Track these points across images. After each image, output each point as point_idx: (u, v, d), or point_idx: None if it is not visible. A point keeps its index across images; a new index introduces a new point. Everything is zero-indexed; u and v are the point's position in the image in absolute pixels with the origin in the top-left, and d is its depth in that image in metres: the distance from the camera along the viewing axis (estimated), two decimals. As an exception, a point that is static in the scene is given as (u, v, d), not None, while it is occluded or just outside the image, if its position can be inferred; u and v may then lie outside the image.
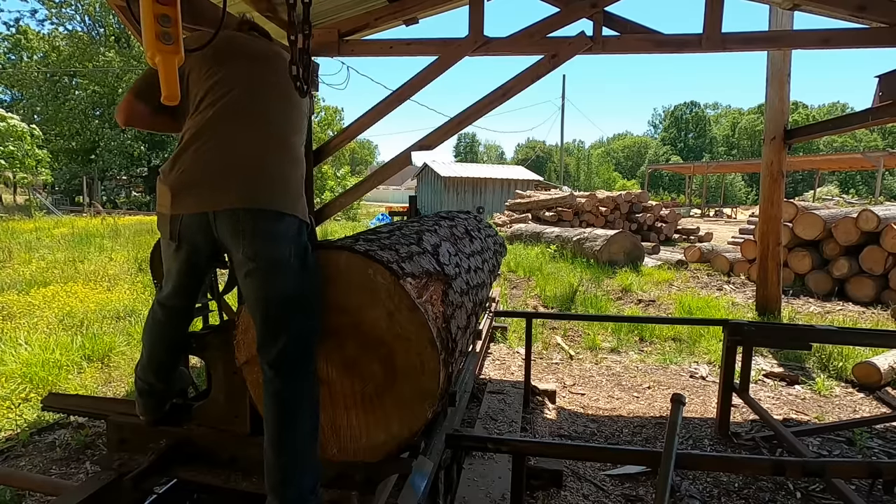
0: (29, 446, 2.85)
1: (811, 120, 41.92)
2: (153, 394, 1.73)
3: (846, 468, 1.83)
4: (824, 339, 3.09)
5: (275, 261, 1.43)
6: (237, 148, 1.49)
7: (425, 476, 1.48)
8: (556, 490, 2.43)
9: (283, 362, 1.42)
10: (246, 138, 1.51)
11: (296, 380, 1.41)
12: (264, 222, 1.44)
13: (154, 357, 1.70)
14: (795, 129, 5.66)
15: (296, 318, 1.43)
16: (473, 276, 1.99)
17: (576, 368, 4.35)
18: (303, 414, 1.41)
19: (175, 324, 1.68)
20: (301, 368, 1.42)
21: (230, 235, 1.45)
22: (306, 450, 1.40)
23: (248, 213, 1.43)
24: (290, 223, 1.47)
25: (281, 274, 1.43)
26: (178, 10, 1.20)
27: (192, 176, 1.48)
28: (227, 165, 1.47)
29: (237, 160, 1.48)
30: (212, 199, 1.45)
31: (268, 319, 1.45)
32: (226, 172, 1.46)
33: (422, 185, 31.91)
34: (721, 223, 19.43)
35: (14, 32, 27.11)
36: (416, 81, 4.05)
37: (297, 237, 1.48)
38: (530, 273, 7.96)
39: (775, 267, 5.81)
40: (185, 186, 1.47)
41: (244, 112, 1.54)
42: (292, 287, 1.43)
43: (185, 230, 1.50)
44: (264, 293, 1.45)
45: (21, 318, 5.02)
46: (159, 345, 1.70)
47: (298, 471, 1.38)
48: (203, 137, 1.50)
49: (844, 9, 3.73)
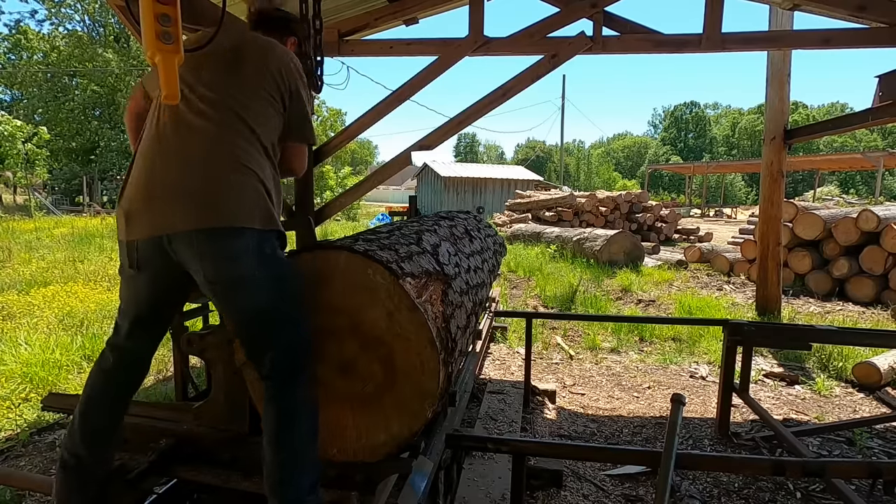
0: (29, 446, 2.85)
1: (811, 120, 41.92)
2: (78, 470, 1.46)
3: (846, 468, 1.83)
4: (824, 339, 3.10)
5: (238, 279, 1.36)
6: (182, 164, 1.39)
7: (425, 476, 1.48)
8: (556, 490, 2.43)
9: (275, 374, 1.39)
10: (190, 154, 1.39)
11: (292, 386, 1.39)
12: (220, 241, 1.35)
13: (90, 417, 1.48)
14: (795, 129, 5.67)
15: (278, 331, 1.38)
16: (473, 276, 1.99)
17: (576, 368, 4.35)
18: (301, 416, 1.39)
19: (127, 373, 1.52)
20: (295, 376, 1.39)
21: (188, 259, 1.37)
22: (305, 450, 1.39)
23: (201, 233, 1.34)
24: (249, 237, 1.38)
25: (249, 291, 1.37)
26: (178, 10, 1.20)
27: (137, 197, 1.40)
28: (167, 180, 1.38)
29: (183, 177, 1.38)
30: (163, 221, 1.36)
31: (248, 337, 1.41)
32: (170, 189, 1.37)
33: (422, 185, 31.91)
34: (721, 223, 19.43)
35: (14, 33, 27.11)
36: (416, 81, 4.04)
37: (259, 249, 1.39)
38: (530, 273, 7.96)
39: (775, 267, 5.81)
40: (133, 210, 1.40)
41: (185, 125, 1.42)
42: (265, 301, 1.37)
43: (143, 256, 1.42)
44: (236, 313, 1.40)
45: (21, 318, 5.02)
46: (102, 400, 1.49)
47: (297, 471, 1.37)
48: (148, 155, 1.42)
49: (844, 9, 3.73)
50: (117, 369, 1.51)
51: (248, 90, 1.48)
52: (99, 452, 1.49)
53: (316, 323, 1.46)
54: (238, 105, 1.45)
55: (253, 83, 1.49)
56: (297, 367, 1.40)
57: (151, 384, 3.65)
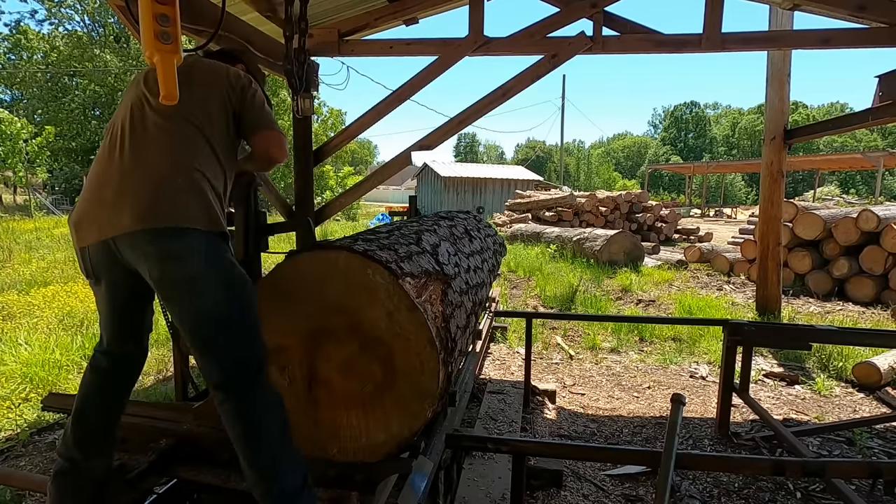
0: (29, 446, 2.85)
1: (811, 120, 41.93)
2: (73, 475, 1.48)
3: (846, 468, 1.83)
4: (824, 339, 3.09)
5: (184, 280, 1.35)
6: (127, 168, 1.42)
7: (425, 476, 1.48)
8: (556, 490, 2.43)
9: (228, 386, 1.37)
10: (141, 160, 1.42)
11: (246, 396, 1.37)
12: (163, 241, 1.35)
13: (86, 420, 1.50)
14: (795, 129, 5.66)
15: (226, 340, 1.37)
16: (473, 276, 1.99)
17: (576, 368, 4.35)
18: (266, 421, 1.37)
19: (119, 376, 1.55)
20: (250, 386, 1.37)
21: (135, 260, 1.38)
22: (281, 451, 1.37)
23: (144, 234, 1.34)
24: (194, 238, 1.37)
25: (194, 294, 1.35)
26: (177, 10, 1.20)
27: (88, 204, 1.43)
28: (118, 187, 1.39)
29: (127, 180, 1.40)
30: (109, 224, 1.37)
31: (196, 344, 1.39)
32: (118, 194, 1.38)
33: (422, 185, 31.91)
34: (721, 223, 19.42)
35: (14, 33, 27.11)
36: (416, 81, 4.05)
37: (206, 252, 1.38)
38: (530, 273, 7.96)
39: (775, 267, 5.81)
40: (83, 216, 1.43)
41: (140, 135, 1.46)
42: (212, 306, 1.36)
43: (96, 263, 1.43)
44: (181, 317, 1.38)
45: (21, 318, 5.02)
46: (97, 402, 1.51)
47: (280, 472, 1.36)
48: (96, 164, 1.47)
49: (844, 9, 3.73)
50: (109, 373, 1.52)
51: (199, 101, 1.53)
52: (94, 455, 1.49)
53: (316, 323, 1.46)
54: (190, 115, 1.50)
55: (203, 95, 1.54)
56: (247, 377, 1.37)
57: (151, 384, 3.64)
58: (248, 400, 1.37)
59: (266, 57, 3.54)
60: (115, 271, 1.44)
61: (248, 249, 1.82)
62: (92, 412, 1.51)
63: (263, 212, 1.88)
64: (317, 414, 1.50)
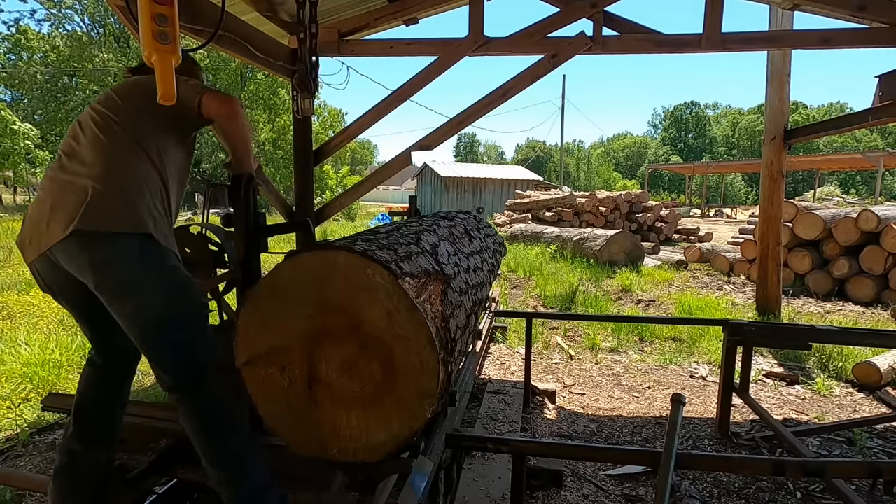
0: (29, 446, 2.85)
1: (811, 120, 41.92)
2: (73, 469, 1.48)
3: (846, 468, 1.83)
4: (824, 339, 3.09)
5: (120, 285, 1.35)
6: (63, 182, 1.42)
7: (425, 476, 1.48)
8: (556, 490, 2.43)
9: (178, 388, 1.37)
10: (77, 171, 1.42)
11: (201, 396, 1.37)
12: (94, 248, 1.34)
13: (86, 415, 1.51)
14: (795, 129, 5.67)
15: (171, 344, 1.36)
16: (472, 276, 1.99)
17: (576, 368, 4.35)
18: (224, 419, 1.38)
19: (113, 373, 1.56)
20: (200, 387, 1.37)
21: (74, 269, 1.37)
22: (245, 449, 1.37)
23: (76, 241, 1.34)
24: (128, 242, 1.37)
25: (132, 298, 1.35)
26: (176, 10, 1.20)
27: (29, 221, 1.45)
28: (53, 201, 1.40)
29: (61, 193, 1.40)
30: (45, 236, 1.38)
31: (143, 348, 1.39)
32: (53, 208, 1.39)
33: (422, 185, 31.91)
34: (721, 223, 19.42)
35: (14, 33, 27.11)
36: (416, 81, 4.05)
37: (141, 255, 1.37)
38: (530, 273, 7.96)
39: (775, 267, 5.81)
40: (26, 234, 1.45)
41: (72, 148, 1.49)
42: (151, 311, 1.35)
43: (45, 277, 1.45)
44: (125, 323, 1.37)
45: (21, 318, 5.02)
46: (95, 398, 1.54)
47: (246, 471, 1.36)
48: (42, 184, 1.50)
49: (844, 9, 3.73)
50: (104, 368, 1.55)
51: (131, 111, 1.52)
52: (94, 449, 1.50)
53: (315, 323, 1.46)
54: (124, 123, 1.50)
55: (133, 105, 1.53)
56: (196, 378, 1.37)
57: (151, 384, 3.64)
58: (201, 399, 1.37)
59: (266, 57, 3.54)
60: (63, 283, 1.44)
61: (248, 250, 1.82)
62: (91, 406, 1.53)
63: (263, 212, 1.88)
64: (317, 414, 1.49)
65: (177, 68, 1.40)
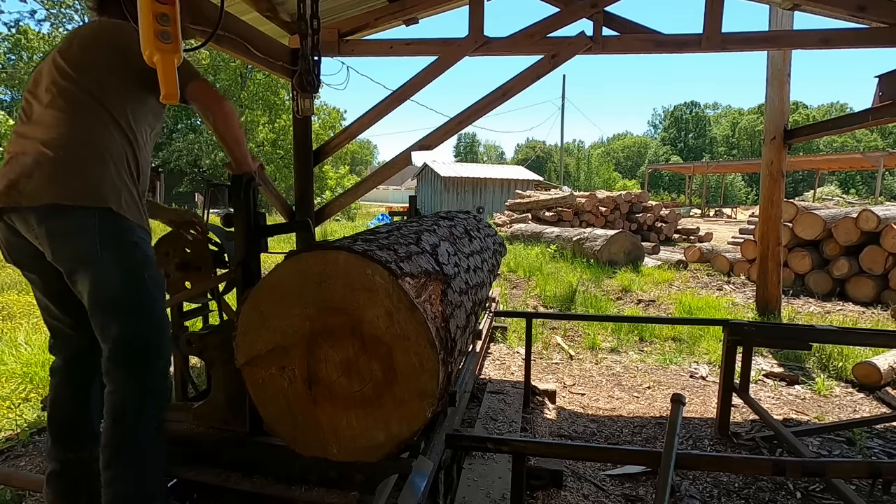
0: (29, 446, 2.84)
1: (811, 120, 41.94)
2: (64, 474, 1.47)
3: (846, 468, 1.83)
4: (824, 339, 3.09)
5: (76, 258, 1.32)
6: (18, 142, 1.38)
7: (425, 476, 1.48)
8: (556, 490, 2.43)
9: (111, 360, 1.34)
10: (36, 137, 1.36)
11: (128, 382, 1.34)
12: (52, 218, 1.30)
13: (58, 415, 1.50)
14: (795, 129, 5.66)
15: (118, 320, 1.33)
16: (473, 276, 1.99)
17: (576, 368, 4.35)
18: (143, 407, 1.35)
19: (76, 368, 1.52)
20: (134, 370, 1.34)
21: (33, 239, 1.35)
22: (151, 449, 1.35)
23: (33, 210, 1.31)
24: (85, 215, 1.32)
25: (88, 272, 1.31)
26: (177, 9, 1.20)
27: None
28: (9, 162, 1.36)
29: (17, 156, 1.36)
30: (6, 197, 1.33)
31: (94, 324, 1.36)
32: (10, 168, 1.35)
33: (422, 185, 31.90)
34: (721, 223, 19.43)
35: (14, 33, 27.11)
36: (416, 81, 4.05)
37: (100, 229, 1.33)
38: (530, 273, 7.96)
39: (775, 267, 5.80)
40: None
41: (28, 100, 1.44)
42: (107, 285, 1.32)
43: (8, 245, 1.42)
44: (83, 296, 1.34)
45: (21, 318, 5.02)
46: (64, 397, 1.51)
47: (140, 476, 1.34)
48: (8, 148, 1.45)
49: (844, 9, 3.74)
50: (66, 366, 1.53)
51: (96, 68, 1.42)
52: (77, 449, 1.49)
53: (315, 323, 1.46)
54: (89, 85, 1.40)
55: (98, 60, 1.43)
56: (135, 360, 1.34)
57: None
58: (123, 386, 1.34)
59: (266, 57, 3.54)
60: (23, 249, 1.40)
61: (248, 250, 1.82)
62: (62, 406, 1.51)
63: (263, 212, 1.88)
64: (316, 414, 1.49)
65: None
